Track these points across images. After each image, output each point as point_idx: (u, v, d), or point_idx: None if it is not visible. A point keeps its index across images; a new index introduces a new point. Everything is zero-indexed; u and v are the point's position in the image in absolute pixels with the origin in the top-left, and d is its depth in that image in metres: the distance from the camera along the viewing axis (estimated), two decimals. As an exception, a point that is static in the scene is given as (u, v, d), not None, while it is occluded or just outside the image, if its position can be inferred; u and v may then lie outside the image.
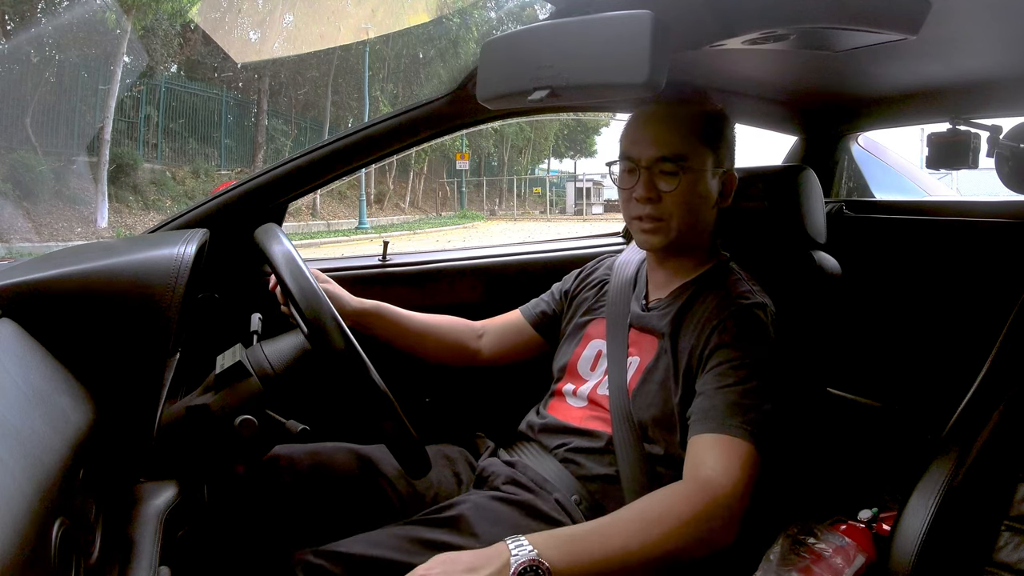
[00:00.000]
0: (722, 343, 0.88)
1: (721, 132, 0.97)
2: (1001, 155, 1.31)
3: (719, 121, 0.98)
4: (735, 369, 0.86)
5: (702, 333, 0.91)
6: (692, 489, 0.79)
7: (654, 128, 0.94)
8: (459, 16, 15.09)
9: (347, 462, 0.98)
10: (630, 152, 0.96)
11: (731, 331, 0.89)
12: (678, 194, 0.93)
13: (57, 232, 8.80)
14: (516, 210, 19.97)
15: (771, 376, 0.88)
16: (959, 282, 1.29)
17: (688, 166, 0.93)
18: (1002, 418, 0.78)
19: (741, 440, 0.82)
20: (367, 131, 1.23)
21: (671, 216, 0.94)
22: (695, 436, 0.85)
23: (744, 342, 0.88)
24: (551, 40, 0.79)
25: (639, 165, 0.94)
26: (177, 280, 0.68)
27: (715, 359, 0.88)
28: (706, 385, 0.87)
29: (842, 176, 1.65)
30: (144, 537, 0.64)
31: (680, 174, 0.92)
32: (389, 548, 0.80)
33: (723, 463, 0.81)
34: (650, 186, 0.93)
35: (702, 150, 0.94)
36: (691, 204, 0.94)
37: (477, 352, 1.16)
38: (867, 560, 0.97)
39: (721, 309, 0.91)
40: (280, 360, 0.82)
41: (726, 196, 1.00)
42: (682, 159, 0.92)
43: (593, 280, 1.14)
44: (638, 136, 0.95)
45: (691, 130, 0.93)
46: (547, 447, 0.99)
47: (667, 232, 0.95)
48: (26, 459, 0.45)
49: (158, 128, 11.55)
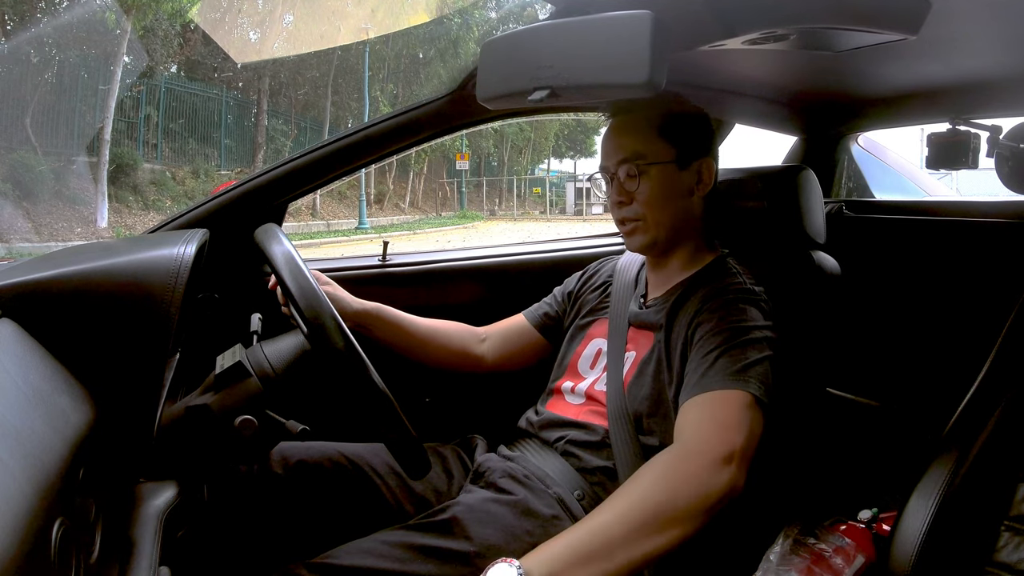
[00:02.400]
0: (708, 320, 0.91)
1: (685, 127, 1.00)
2: (1001, 155, 1.31)
3: (682, 118, 1.00)
4: (718, 335, 0.88)
5: (692, 320, 0.93)
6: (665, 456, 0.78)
7: (615, 136, 1.00)
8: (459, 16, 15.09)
9: (343, 461, 0.98)
10: (603, 163, 1.02)
11: (717, 308, 0.91)
12: (643, 191, 0.97)
13: (57, 232, 8.80)
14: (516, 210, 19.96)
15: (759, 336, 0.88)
16: (959, 282, 1.29)
17: (647, 164, 0.96)
18: (1002, 418, 0.78)
19: (721, 391, 0.82)
20: (367, 131, 1.23)
21: (645, 215, 0.98)
22: (681, 406, 0.86)
23: (729, 314, 0.90)
24: (551, 40, 0.79)
25: (609, 172, 1.00)
26: (177, 280, 0.68)
27: (699, 332, 0.90)
28: (692, 361, 0.89)
29: (842, 176, 1.65)
30: (144, 537, 0.64)
31: (639, 173, 0.97)
32: (383, 557, 0.80)
33: (699, 419, 0.81)
34: (620, 189, 0.99)
35: (660, 146, 0.97)
36: (659, 199, 0.98)
37: (481, 358, 1.17)
38: (867, 560, 0.97)
39: (709, 295, 0.94)
40: (280, 360, 0.82)
41: (704, 184, 1.01)
42: (640, 158, 0.97)
43: (596, 282, 1.15)
44: (605, 146, 1.02)
45: (647, 129, 0.98)
46: (547, 441, 1.00)
47: (646, 230, 0.99)
48: (26, 459, 0.45)
49: (158, 128, 11.54)
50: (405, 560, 0.79)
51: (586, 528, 0.72)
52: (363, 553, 0.80)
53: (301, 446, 0.98)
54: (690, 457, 0.77)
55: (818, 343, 1.11)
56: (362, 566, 0.79)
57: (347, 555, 0.80)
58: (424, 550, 0.81)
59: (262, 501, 0.92)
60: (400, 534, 0.84)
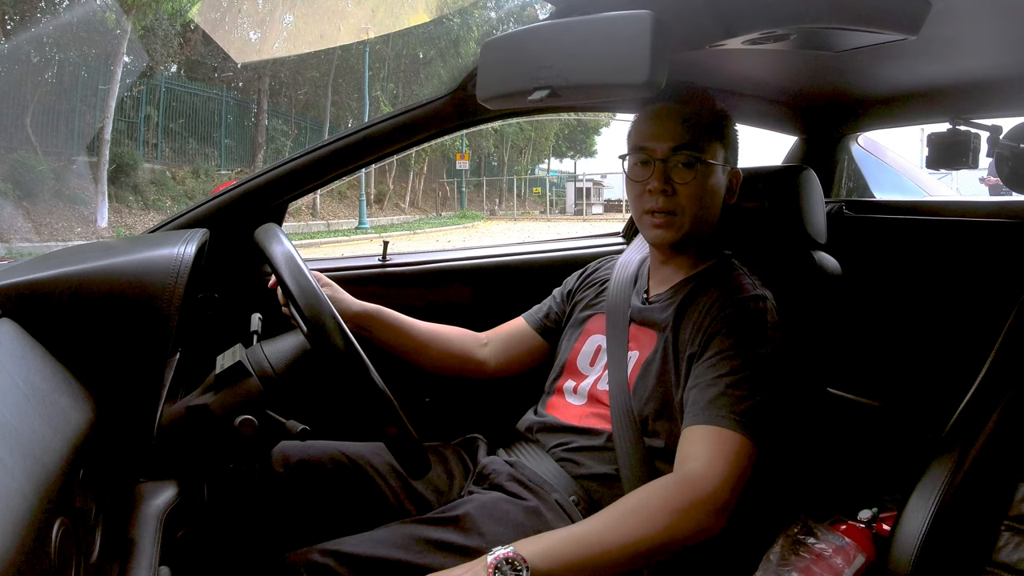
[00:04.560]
0: (718, 332, 0.90)
1: (727, 130, 1.00)
2: (1001, 155, 1.31)
3: (725, 119, 1.00)
4: (729, 359, 0.87)
5: (702, 324, 0.92)
6: (673, 483, 0.81)
7: (670, 122, 0.96)
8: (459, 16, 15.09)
9: (344, 461, 0.98)
10: (645, 144, 0.96)
11: (729, 322, 0.90)
12: (693, 186, 0.94)
13: (57, 232, 8.80)
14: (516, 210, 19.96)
15: (767, 368, 0.88)
16: (959, 282, 1.29)
17: (703, 158, 0.94)
18: (1002, 418, 0.78)
19: (730, 431, 0.83)
20: (367, 131, 1.23)
21: (684, 210, 0.95)
22: (686, 428, 0.86)
23: (740, 333, 0.89)
24: (551, 40, 0.79)
25: (654, 157, 0.95)
26: (177, 280, 0.68)
27: (711, 349, 0.89)
28: (700, 377, 0.88)
29: (842, 176, 1.65)
30: (144, 537, 0.64)
31: (696, 165, 0.94)
32: (395, 548, 0.80)
33: (709, 455, 0.82)
34: (665, 178, 0.95)
35: (714, 144, 0.96)
36: (703, 198, 0.96)
37: (483, 363, 1.16)
38: (867, 560, 0.97)
39: (720, 300, 0.93)
40: (280, 360, 0.82)
41: (732, 193, 1.02)
42: (698, 150, 0.94)
43: (595, 279, 1.15)
44: (653, 130, 0.96)
45: (704, 125, 0.96)
46: (544, 446, 1.00)
47: (679, 226, 0.96)
48: (26, 459, 0.45)
49: (158, 128, 11.54)
50: (418, 552, 0.80)
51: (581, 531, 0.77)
52: (376, 543, 0.80)
53: (302, 446, 0.98)
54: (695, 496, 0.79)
55: (818, 343, 1.11)
56: (376, 555, 0.79)
57: (360, 544, 0.80)
58: (437, 544, 0.81)
59: (263, 501, 0.92)
60: (413, 527, 0.84)
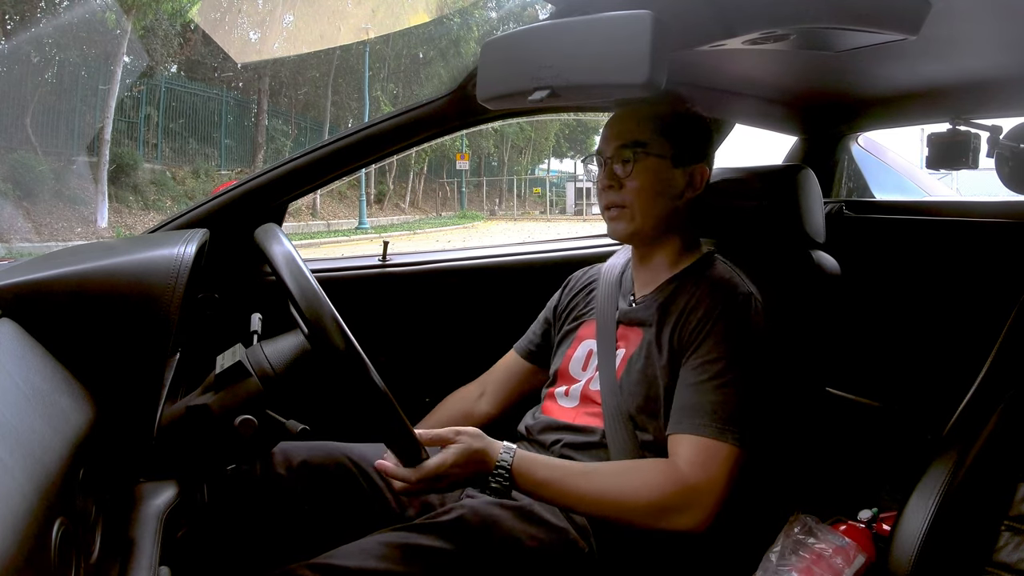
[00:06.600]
0: (705, 332, 0.91)
1: (685, 129, 1.00)
2: (1001, 155, 1.31)
3: (684, 119, 1.01)
4: (712, 362, 0.89)
5: (687, 321, 0.93)
6: (665, 474, 0.86)
7: (617, 123, 1.01)
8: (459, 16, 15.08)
9: (346, 463, 0.98)
10: (600, 147, 1.02)
11: (715, 321, 0.91)
12: (635, 178, 0.97)
13: (57, 232, 8.79)
14: (516, 210, 19.95)
15: (752, 367, 0.90)
16: (959, 282, 1.29)
17: (644, 152, 0.97)
18: (1002, 418, 0.78)
19: (712, 440, 0.86)
20: (367, 131, 1.23)
21: (632, 203, 0.98)
22: (674, 435, 0.88)
23: (727, 334, 0.90)
24: (551, 40, 0.80)
25: (604, 156, 1.00)
26: (177, 280, 0.68)
27: (694, 350, 0.91)
28: (687, 379, 0.90)
29: (842, 176, 1.65)
30: (144, 537, 0.64)
31: (634, 160, 0.97)
32: (383, 559, 0.80)
33: (699, 460, 0.85)
34: (611, 174, 0.99)
35: (660, 140, 0.98)
36: (649, 190, 0.98)
37: (485, 415, 1.15)
38: (867, 560, 0.97)
39: (703, 299, 0.94)
40: (280, 360, 0.82)
41: (696, 188, 1.01)
42: (639, 145, 0.97)
43: (579, 287, 1.15)
44: (605, 133, 1.02)
45: (650, 122, 0.98)
46: (544, 444, 1.00)
47: (630, 219, 0.99)
48: (26, 459, 0.45)
49: (158, 128, 11.53)
50: (406, 561, 0.80)
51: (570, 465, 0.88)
52: (365, 554, 0.80)
53: (304, 446, 0.98)
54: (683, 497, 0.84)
55: (818, 343, 1.11)
56: (366, 568, 0.78)
57: (347, 556, 0.80)
58: (426, 551, 0.81)
59: (264, 501, 0.92)
60: (401, 535, 0.84)
